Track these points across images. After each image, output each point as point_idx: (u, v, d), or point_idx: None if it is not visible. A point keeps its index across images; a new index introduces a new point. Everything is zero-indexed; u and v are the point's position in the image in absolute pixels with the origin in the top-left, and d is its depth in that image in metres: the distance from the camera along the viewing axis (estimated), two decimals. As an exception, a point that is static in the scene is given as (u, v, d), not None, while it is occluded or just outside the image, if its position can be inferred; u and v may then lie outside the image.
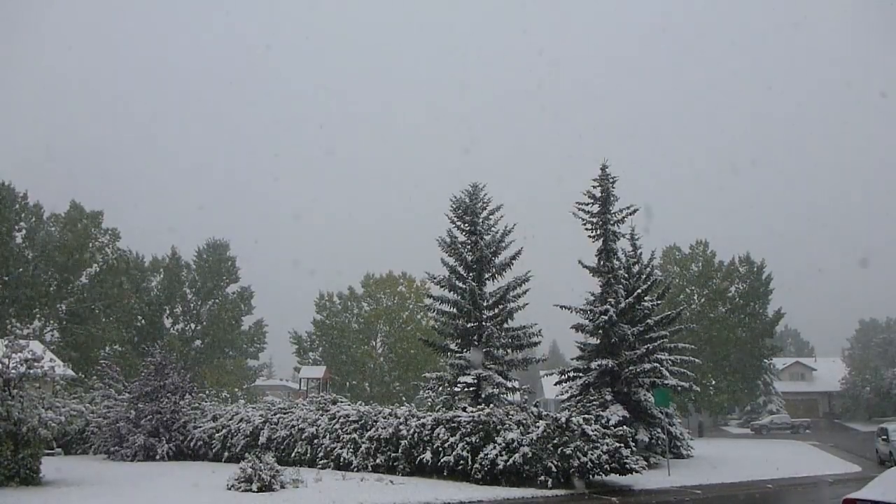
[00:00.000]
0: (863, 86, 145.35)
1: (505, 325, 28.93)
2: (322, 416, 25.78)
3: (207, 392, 35.63)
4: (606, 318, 27.30)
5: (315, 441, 24.96)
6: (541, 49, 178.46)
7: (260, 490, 18.34)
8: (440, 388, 28.83)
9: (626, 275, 30.06)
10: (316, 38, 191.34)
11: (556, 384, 30.31)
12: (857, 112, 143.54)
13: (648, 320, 29.21)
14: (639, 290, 28.64)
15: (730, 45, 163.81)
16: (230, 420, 28.41)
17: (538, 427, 20.32)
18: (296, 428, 25.82)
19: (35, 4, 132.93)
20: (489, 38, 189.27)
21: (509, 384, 28.38)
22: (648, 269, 31.85)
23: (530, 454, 19.90)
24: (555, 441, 20.06)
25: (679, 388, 28.59)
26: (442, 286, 29.05)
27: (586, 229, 29.02)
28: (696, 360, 33.46)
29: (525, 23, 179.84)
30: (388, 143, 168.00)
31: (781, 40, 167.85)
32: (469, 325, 28.27)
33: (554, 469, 19.60)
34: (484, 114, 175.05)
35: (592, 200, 29.00)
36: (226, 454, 27.29)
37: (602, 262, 28.84)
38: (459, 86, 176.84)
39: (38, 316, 48.76)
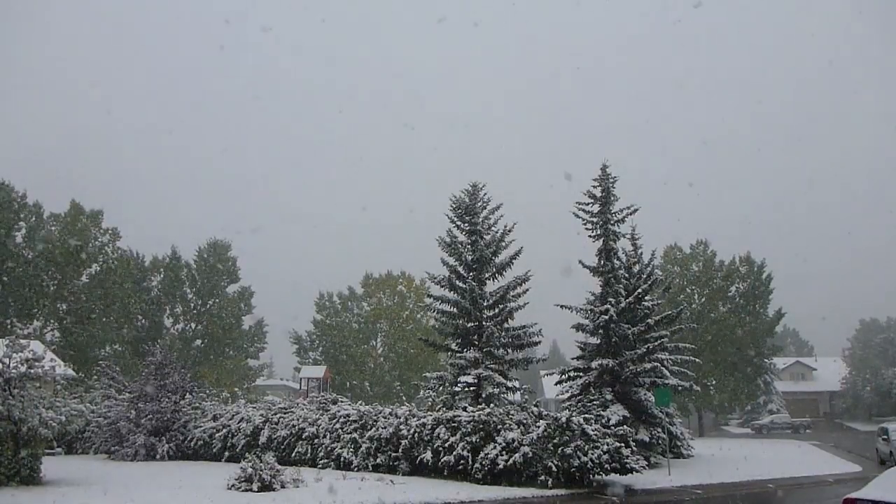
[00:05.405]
0: (866, 82, 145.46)
1: (505, 325, 28.88)
2: (322, 415, 25.79)
3: (208, 392, 35.61)
4: (607, 317, 27.29)
5: (315, 441, 24.96)
6: (542, 46, 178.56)
7: (260, 490, 18.32)
8: (440, 388, 28.80)
9: (627, 274, 30.06)
10: (317, 36, 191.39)
11: (556, 384, 30.29)
12: (859, 109, 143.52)
13: (649, 320, 29.17)
14: (639, 290, 28.65)
15: (730, 42, 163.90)
16: (230, 420, 28.43)
17: (538, 427, 20.31)
18: (296, 428, 25.82)
19: (35, 4, 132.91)
20: (490, 39, 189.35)
21: (510, 384, 28.36)
22: (649, 269, 31.84)
23: (531, 454, 19.89)
24: (555, 441, 20.05)
25: (679, 387, 28.63)
26: (442, 286, 29.02)
27: (586, 229, 29.03)
28: (697, 360, 33.53)
29: (525, 20, 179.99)
30: (388, 141, 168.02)
31: (780, 39, 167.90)
32: (469, 325, 28.24)
33: (554, 469, 19.58)
34: (484, 112, 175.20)
35: (592, 200, 28.99)
36: (226, 454, 27.30)
37: (602, 262, 28.82)
38: (461, 84, 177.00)
39: (38, 316, 48.71)
